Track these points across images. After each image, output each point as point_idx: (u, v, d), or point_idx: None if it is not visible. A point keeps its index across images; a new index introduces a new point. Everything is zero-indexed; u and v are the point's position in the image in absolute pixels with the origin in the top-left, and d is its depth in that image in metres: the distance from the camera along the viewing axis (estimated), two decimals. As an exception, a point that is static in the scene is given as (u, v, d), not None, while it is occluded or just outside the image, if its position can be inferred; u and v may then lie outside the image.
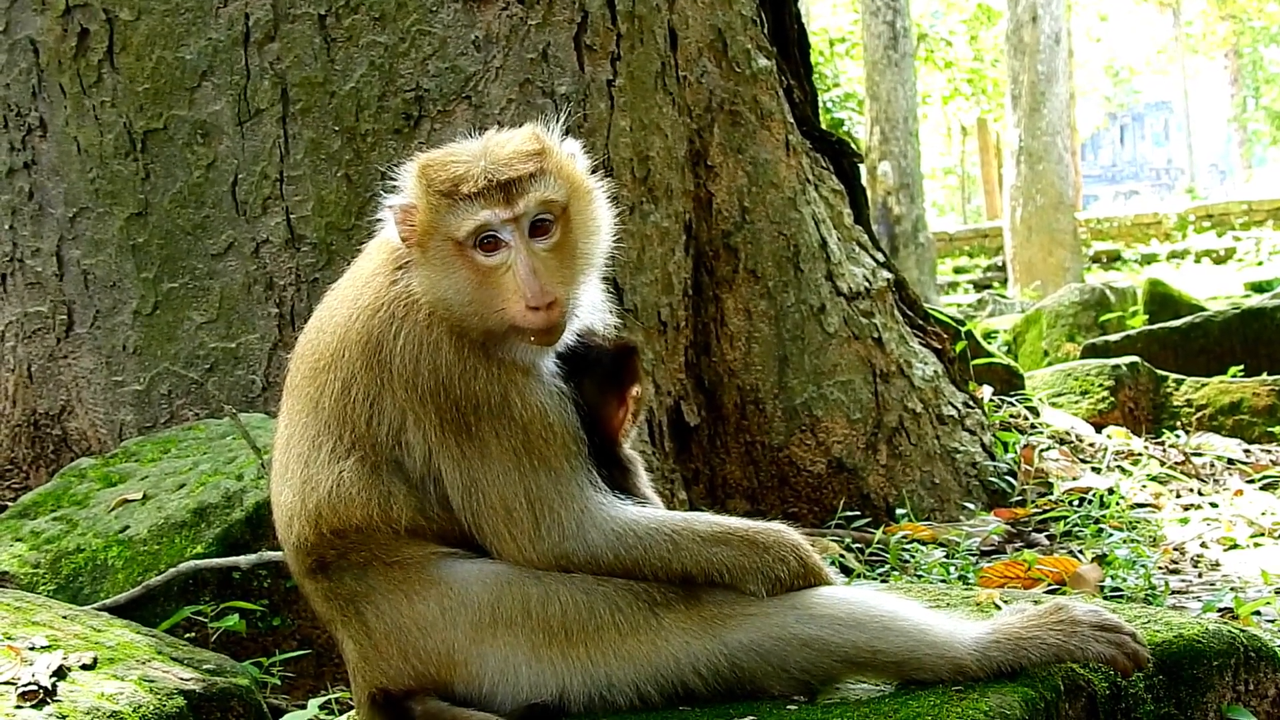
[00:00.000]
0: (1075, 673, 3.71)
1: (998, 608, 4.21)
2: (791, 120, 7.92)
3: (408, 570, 3.64)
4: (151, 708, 4.03)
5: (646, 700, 3.60)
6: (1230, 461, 9.22)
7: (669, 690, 3.61)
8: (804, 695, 3.69)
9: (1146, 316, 15.93)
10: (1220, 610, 5.75)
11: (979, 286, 37.92)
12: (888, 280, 8.20)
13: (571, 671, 3.57)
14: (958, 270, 42.44)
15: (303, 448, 3.73)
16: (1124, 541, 6.92)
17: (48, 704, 3.86)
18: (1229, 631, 4.08)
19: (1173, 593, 6.29)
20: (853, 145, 8.80)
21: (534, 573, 3.62)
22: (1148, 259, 40.73)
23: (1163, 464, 8.94)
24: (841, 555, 6.46)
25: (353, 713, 4.21)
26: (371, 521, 3.66)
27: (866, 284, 7.99)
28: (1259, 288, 27.05)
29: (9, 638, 4.25)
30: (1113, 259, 41.38)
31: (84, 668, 4.13)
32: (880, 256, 8.35)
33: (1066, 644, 3.65)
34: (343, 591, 3.70)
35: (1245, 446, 9.63)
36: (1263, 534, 7.38)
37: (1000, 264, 38.49)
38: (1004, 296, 29.14)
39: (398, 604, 3.63)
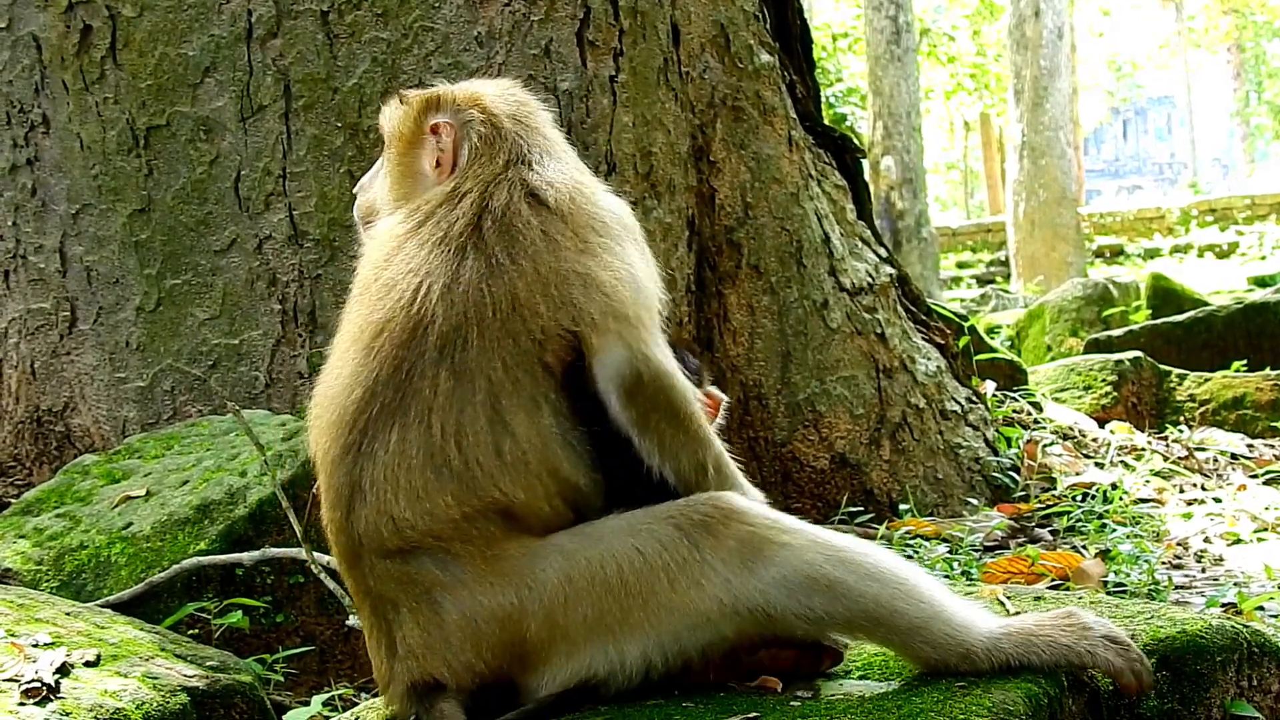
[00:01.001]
0: (1082, 667, 3.71)
1: (1001, 604, 4.21)
2: (794, 116, 7.92)
3: (501, 564, 3.59)
4: (155, 705, 4.02)
5: (685, 658, 3.62)
6: (1234, 456, 9.21)
7: (706, 640, 3.62)
8: (816, 638, 3.75)
9: (1149, 311, 15.93)
10: (1224, 605, 5.75)
11: (982, 281, 38.01)
12: (891, 276, 8.20)
13: (631, 640, 3.56)
14: (960, 265, 42.53)
15: (449, 419, 3.62)
16: (1127, 537, 6.91)
17: (51, 701, 3.85)
18: (1232, 627, 4.07)
19: (1176, 588, 6.28)
20: (855, 141, 8.79)
21: (584, 534, 3.64)
22: (1150, 254, 40.81)
23: (1166, 459, 8.93)
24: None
25: (357, 709, 4.21)
26: (534, 500, 3.66)
27: (869, 279, 7.98)
28: (1262, 282, 27.10)
29: (12, 635, 4.25)
30: (1115, 254, 41.46)
31: (87, 665, 4.13)
32: (883, 252, 8.34)
33: (1076, 646, 3.65)
34: (421, 578, 3.62)
35: (1249, 441, 9.62)
36: (1266, 529, 7.37)
37: (1003, 259, 38.58)
38: (1007, 291, 29.16)
39: (478, 595, 3.57)
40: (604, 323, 3.69)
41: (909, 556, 6.59)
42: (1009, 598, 4.28)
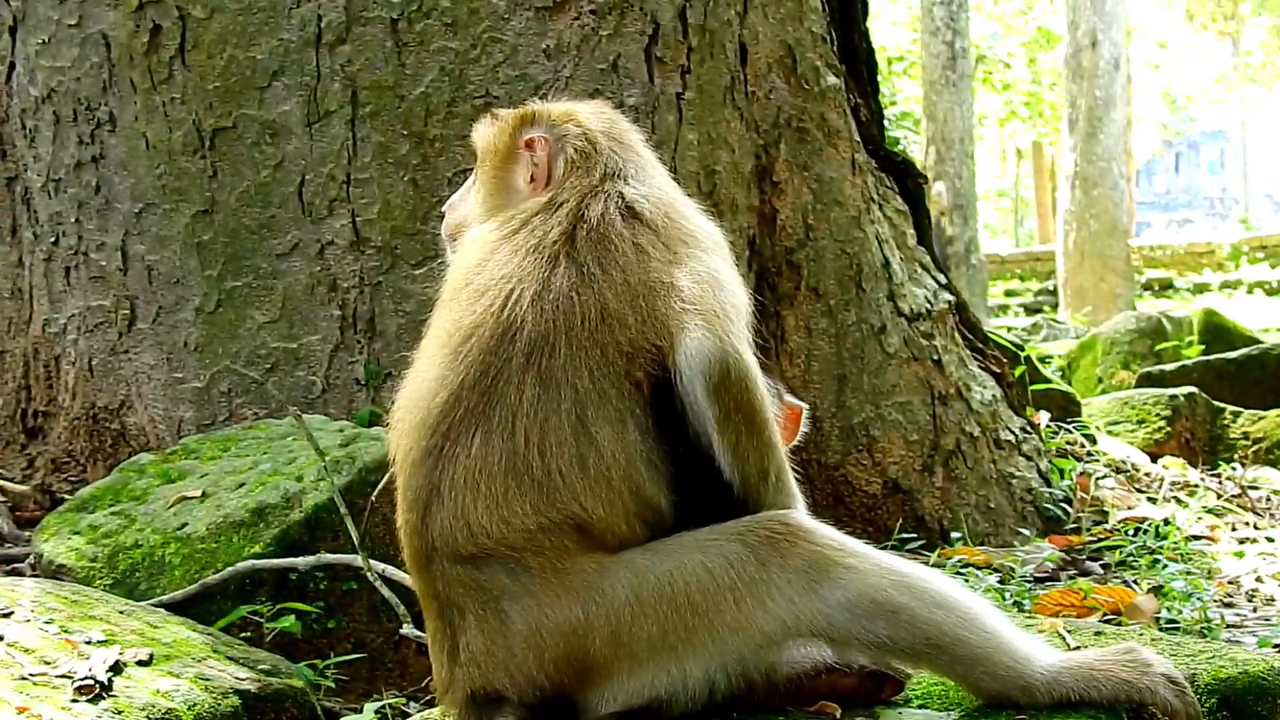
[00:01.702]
0: (1141, 704, 3.68)
1: (1061, 637, 4.20)
2: (858, 139, 7.90)
3: (571, 578, 3.55)
4: (206, 706, 4.05)
5: (748, 679, 3.61)
6: (1287, 496, 9.17)
7: (769, 662, 3.62)
8: (878, 664, 3.76)
9: (1202, 347, 15.84)
10: (1276, 646, 5.72)
11: (1030, 310, 37.91)
12: (949, 302, 8.17)
13: (695, 659, 3.54)
14: (1008, 293, 42.45)
15: (534, 427, 3.61)
16: (1180, 573, 6.87)
17: (103, 699, 3.88)
18: (1294, 670, 4.06)
19: (1227, 626, 6.24)
20: (917, 166, 8.76)
21: (654, 550, 3.61)
22: (1200, 288, 40.66)
23: (1219, 496, 8.88)
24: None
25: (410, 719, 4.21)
26: (613, 518, 3.63)
27: (928, 305, 7.96)
28: (1312, 321, 26.98)
29: (66, 631, 4.27)
30: (1165, 287, 41.30)
31: (140, 664, 4.15)
32: (942, 278, 8.31)
33: (1137, 682, 3.64)
34: (491, 586, 3.59)
35: (1301, 482, 9.57)
36: (1318, 570, 7.34)
37: (1051, 288, 38.49)
38: (1056, 321, 29.08)
39: (546, 607, 3.54)
40: (689, 317, 3.66)
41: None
42: (1070, 631, 4.27)
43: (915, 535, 7.43)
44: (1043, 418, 9.35)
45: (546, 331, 3.65)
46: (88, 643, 4.19)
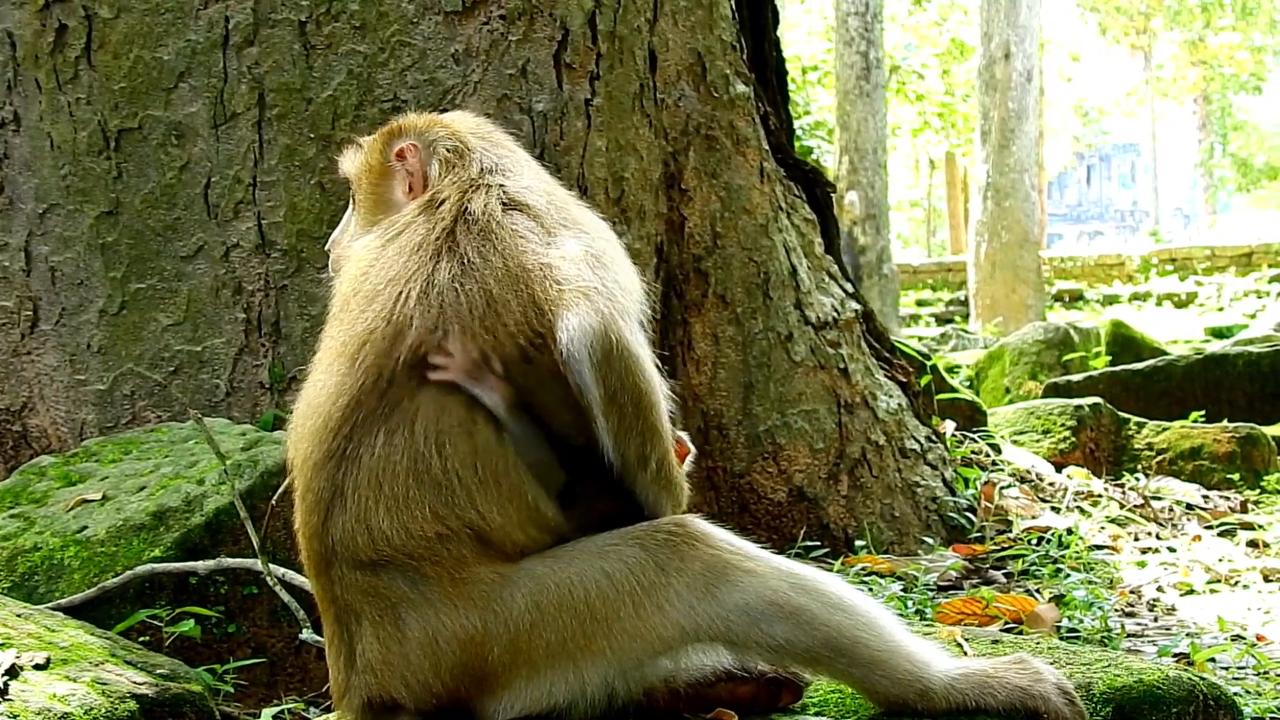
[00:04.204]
0: (1034, 711, 3.70)
1: (959, 645, 4.21)
2: (767, 147, 7.91)
3: (469, 588, 3.55)
4: (103, 710, 4.00)
5: (647, 686, 3.63)
6: (1189, 507, 9.23)
7: (668, 668, 3.64)
8: (777, 669, 3.78)
9: (1109, 358, 15.96)
10: (1175, 655, 5.76)
11: (941, 320, 38.14)
12: (856, 311, 8.19)
13: (594, 666, 3.54)
14: (920, 303, 42.65)
15: (430, 424, 3.60)
16: (1082, 583, 6.92)
17: (-2, 703, 3.83)
18: (1189, 679, 4.08)
19: (1128, 636, 6.30)
20: (826, 175, 8.79)
21: (555, 557, 3.61)
22: (1109, 300, 41.01)
23: (1122, 506, 8.95)
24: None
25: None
26: (509, 526, 3.62)
27: (835, 314, 7.98)
28: (1219, 333, 27.27)
29: (-38, 635, 4.22)
30: (1075, 298, 41.63)
31: (36, 667, 4.10)
32: (849, 287, 8.34)
33: (1031, 689, 3.67)
34: (390, 593, 3.59)
35: (1204, 492, 9.64)
36: (1219, 580, 7.40)
37: (962, 299, 38.72)
38: (967, 331, 29.24)
39: (443, 616, 3.54)
40: (568, 295, 3.64)
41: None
42: (967, 640, 4.29)
43: (820, 543, 7.45)
44: (948, 427, 9.40)
45: (433, 327, 3.65)
46: (-17, 646, 4.15)
